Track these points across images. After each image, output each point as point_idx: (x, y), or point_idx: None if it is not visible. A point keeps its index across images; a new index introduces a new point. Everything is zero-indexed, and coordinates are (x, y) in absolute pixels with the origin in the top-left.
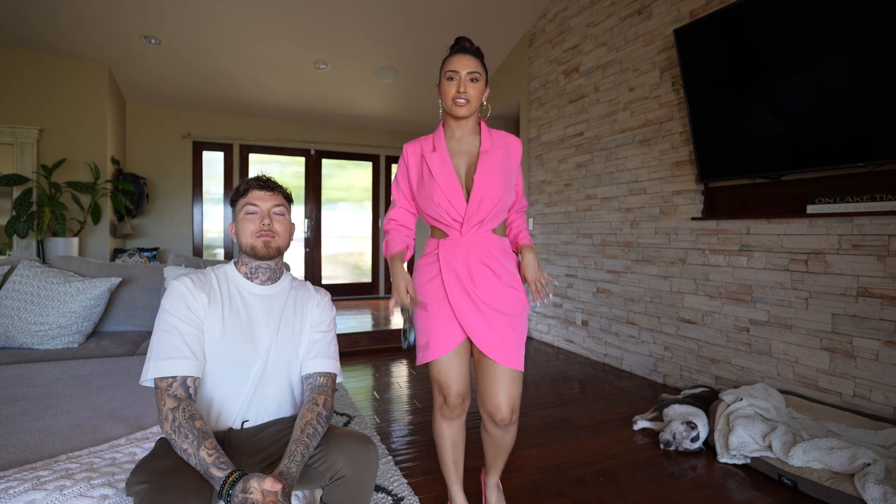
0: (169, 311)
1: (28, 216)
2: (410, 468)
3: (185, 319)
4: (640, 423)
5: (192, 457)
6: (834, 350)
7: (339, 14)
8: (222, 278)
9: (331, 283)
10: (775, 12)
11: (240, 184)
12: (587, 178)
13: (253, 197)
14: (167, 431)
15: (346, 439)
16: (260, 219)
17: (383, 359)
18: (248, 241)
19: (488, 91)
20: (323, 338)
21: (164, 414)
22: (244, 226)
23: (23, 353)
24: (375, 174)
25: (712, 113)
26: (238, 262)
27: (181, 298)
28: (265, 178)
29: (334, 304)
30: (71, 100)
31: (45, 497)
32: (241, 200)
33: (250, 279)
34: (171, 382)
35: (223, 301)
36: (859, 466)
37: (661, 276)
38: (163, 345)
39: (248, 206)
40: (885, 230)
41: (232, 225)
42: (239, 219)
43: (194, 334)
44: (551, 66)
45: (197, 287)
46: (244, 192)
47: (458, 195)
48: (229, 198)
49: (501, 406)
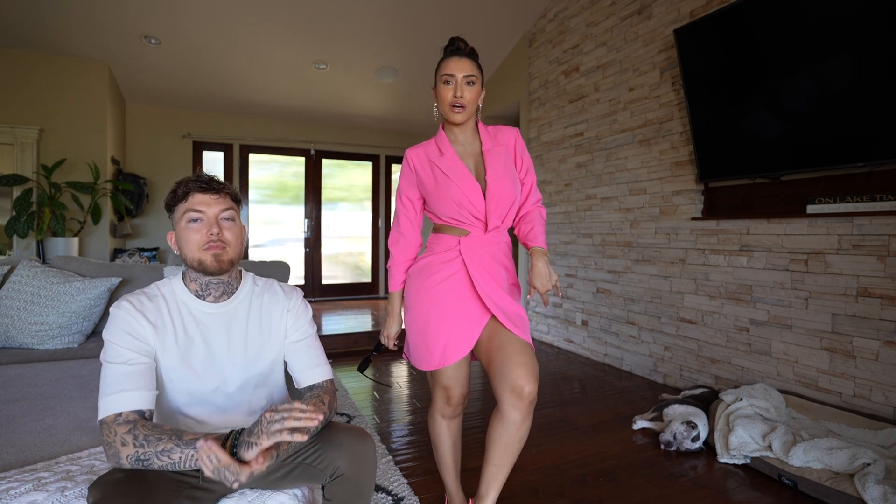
0: (112, 342)
1: (28, 216)
2: (410, 468)
3: (129, 347)
4: (639, 423)
5: (177, 447)
6: (834, 350)
7: (339, 14)
8: (170, 298)
9: (331, 283)
10: (775, 12)
11: (176, 186)
12: (587, 178)
13: (195, 202)
14: (130, 455)
15: (343, 436)
16: (206, 227)
17: (383, 359)
18: (193, 254)
19: (484, 92)
20: (307, 347)
21: (118, 441)
22: (187, 236)
23: (23, 353)
24: (375, 174)
25: (712, 113)
26: (186, 277)
27: (122, 326)
28: (207, 177)
29: (333, 304)
30: (71, 100)
31: (47, 498)
32: (180, 206)
33: (202, 297)
34: (118, 415)
35: (175, 326)
36: (859, 466)
37: (661, 276)
38: (108, 380)
39: (191, 212)
40: (885, 230)
41: (171, 234)
42: (180, 228)
43: (143, 363)
44: (551, 66)
45: (139, 311)
46: (183, 197)
47: (478, 194)
48: (164, 201)
49: (525, 378)
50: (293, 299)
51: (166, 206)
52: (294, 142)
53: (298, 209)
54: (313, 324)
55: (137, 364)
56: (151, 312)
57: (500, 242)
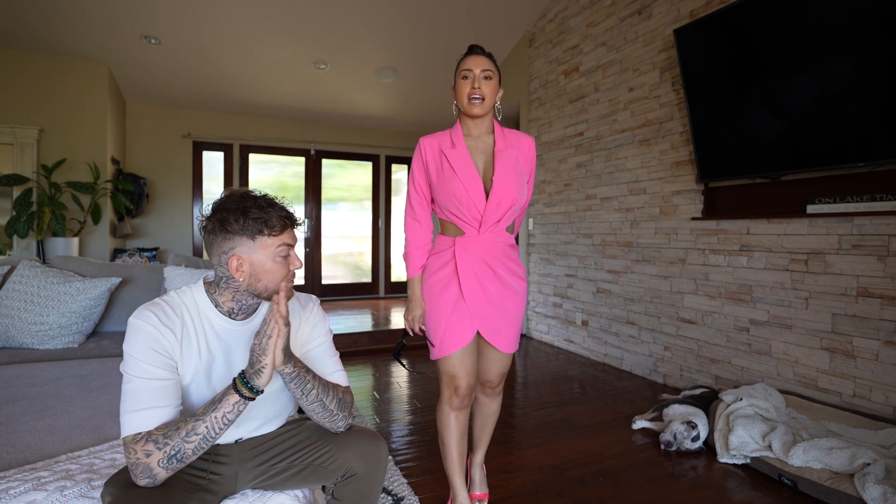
0: (135, 357)
1: (28, 216)
2: (410, 468)
3: (155, 364)
4: (639, 423)
5: (199, 421)
6: (834, 350)
7: (339, 14)
8: (193, 311)
9: (331, 283)
10: (775, 12)
11: (253, 209)
12: (587, 178)
13: (287, 237)
14: (161, 459)
15: (356, 437)
16: (296, 262)
17: (383, 359)
18: (275, 287)
19: (502, 92)
20: (323, 354)
21: (142, 454)
22: (274, 269)
23: (23, 353)
24: (375, 174)
25: (712, 113)
26: (216, 293)
27: (148, 342)
28: (288, 210)
29: (333, 304)
30: (71, 100)
31: (46, 497)
32: (270, 238)
33: (231, 317)
34: (136, 435)
35: (199, 342)
36: (859, 466)
37: (661, 276)
38: (130, 395)
39: (284, 247)
40: (885, 230)
41: (239, 258)
42: (267, 260)
43: (168, 380)
44: (551, 66)
45: (165, 325)
46: (279, 230)
47: (480, 193)
48: (229, 222)
49: (493, 378)
50: (308, 309)
51: (237, 229)
52: (294, 142)
53: (298, 209)
54: (330, 331)
55: (162, 380)
56: (178, 327)
57: (497, 243)
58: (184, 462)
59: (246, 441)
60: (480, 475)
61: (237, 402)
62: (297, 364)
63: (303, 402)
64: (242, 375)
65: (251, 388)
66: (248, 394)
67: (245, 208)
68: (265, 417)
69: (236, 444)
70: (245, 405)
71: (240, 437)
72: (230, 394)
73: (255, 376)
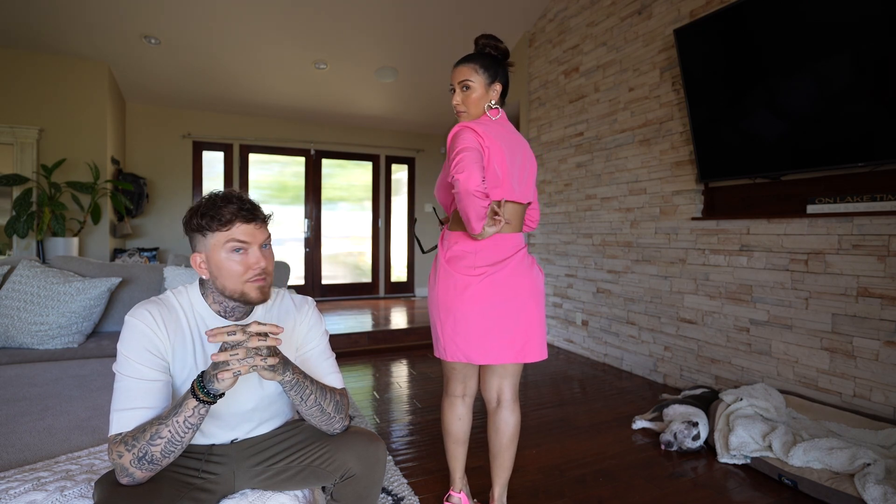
0: (128, 357)
1: (28, 216)
2: (410, 468)
3: (147, 364)
4: (639, 423)
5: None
6: (834, 350)
7: (339, 14)
8: (189, 312)
9: (331, 283)
10: (775, 12)
11: (211, 208)
12: (587, 178)
13: (238, 232)
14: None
15: (354, 438)
16: (253, 260)
17: (383, 359)
18: (235, 286)
19: (499, 87)
20: (319, 356)
21: (116, 456)
22: (229, 267)
23: (23, 353)
24: (375, 174)
25: (712, 113)
26: (206, 294)
27: (142, 342)
28: (250, 204)
29: (333, 304)
30: (71, 100)
31: (46, 498)
32: (218, 233)
33: (226, 316)
34: (118, 435)
35: (194, 343)
36: (859, 466)
37: (661, 276)
38: (120, 393)
39: (233, 242)
40: (885, 230)
41: (198, 257)
42: (218, 257)
43: (158, 380)
44: (551, 66)
45: (160, 326)
46: (225, 224)
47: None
48: (190, 220)
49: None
50: (304, 311)
51: (194, 226)
52: (294, 142)
53: (298, 209)
54: (326, 333)
55: (152, 381)
56: (173, 327)
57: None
58: (157, 464)
59: (242, 441)
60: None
61: (196, 406)
62: (295, 371)
63: (301, 407)
64: (200, 378)
65: (207, 392)
66: (204, 398)
67: (201, 205)
68: (261, 419)
69: (232, 444)
70: (207, 409)
71: (235, 438)
72: (188, 398)
73: (213, 380)
